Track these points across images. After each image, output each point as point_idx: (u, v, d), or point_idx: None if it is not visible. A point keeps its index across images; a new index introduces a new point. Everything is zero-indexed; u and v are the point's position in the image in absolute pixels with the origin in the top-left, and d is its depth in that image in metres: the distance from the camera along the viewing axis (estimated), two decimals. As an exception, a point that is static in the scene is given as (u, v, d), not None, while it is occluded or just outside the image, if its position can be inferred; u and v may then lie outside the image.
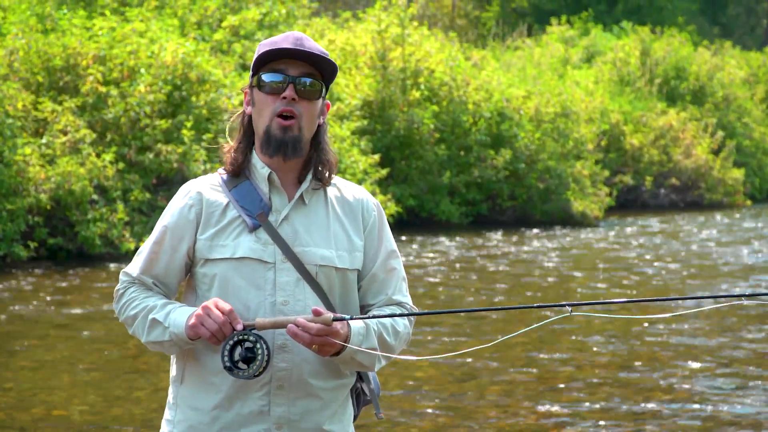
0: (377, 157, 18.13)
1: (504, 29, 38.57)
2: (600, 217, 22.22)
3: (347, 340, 2.67)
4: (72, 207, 13.71)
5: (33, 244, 13.27)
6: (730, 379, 8.05)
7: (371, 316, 2.73)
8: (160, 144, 14.90)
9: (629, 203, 26.82)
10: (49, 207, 13.55)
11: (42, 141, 14.11)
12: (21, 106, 14.17)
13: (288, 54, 2.75)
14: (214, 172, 2.92)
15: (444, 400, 7.30)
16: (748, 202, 29.37)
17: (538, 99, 22.72)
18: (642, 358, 8.78)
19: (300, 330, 2.61)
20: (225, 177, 2.84)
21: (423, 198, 20.39)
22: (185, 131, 15.02)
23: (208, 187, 2.83)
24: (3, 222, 13.00)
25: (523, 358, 8.69)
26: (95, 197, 13.98)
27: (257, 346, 2.61)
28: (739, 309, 11.04)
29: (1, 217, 13.01)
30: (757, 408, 7.26)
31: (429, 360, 8.14)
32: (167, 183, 14.98)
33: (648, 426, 6.79)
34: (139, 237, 13.97)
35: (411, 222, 19.86)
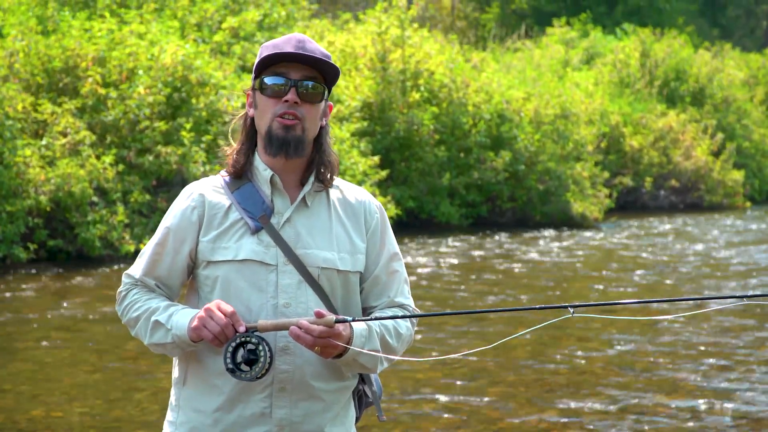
0: (377, 159, 18.11)
1: (504, 31, 38.58)
2: (600, 219, 22.21)
3: (349, 342, 2.67)
4: (72, 209, 13.69)
5: (33, 245, 13.25)
6: (732, 380, 8.05)
7: (373, 317, 2.72)
8: (159, 146, 14.89)
9: (629, 205, 26.81)
10: (49, 209, 13.54)
11: (42, 143, 14.10)
12: (21, 107, 14.16)
13: (290, 57, 2.75)
14: (213, 173, 2.91)
15: (446, 401, 7.29)
16: (747, 203, 29.37)
17: (537, 101, 22.71)
18: (644, 358, 8.78)
19: (302, 332, 2.60)
20: (227, 179, 2.84)
21: (423, 200, 20.37)
22: (185, 133, 15.01)
23: (210, 189, 2.82)
24: (3, 224, 12.98)
25: (525, 359, 8.69)
26: (95, 199, 13.97)
27: (260, 348, 2.60)
28: (743, 309, 11.05)
29: (1, 219, 12.99)
30: (759, 407, 7.26)
31: (430, 361, 8.14)
32: (167, 185, 14.97)
33: (650, 427, 6.78)
34: (139, 239, 13.96)
35: (411, 224, 19.84)
